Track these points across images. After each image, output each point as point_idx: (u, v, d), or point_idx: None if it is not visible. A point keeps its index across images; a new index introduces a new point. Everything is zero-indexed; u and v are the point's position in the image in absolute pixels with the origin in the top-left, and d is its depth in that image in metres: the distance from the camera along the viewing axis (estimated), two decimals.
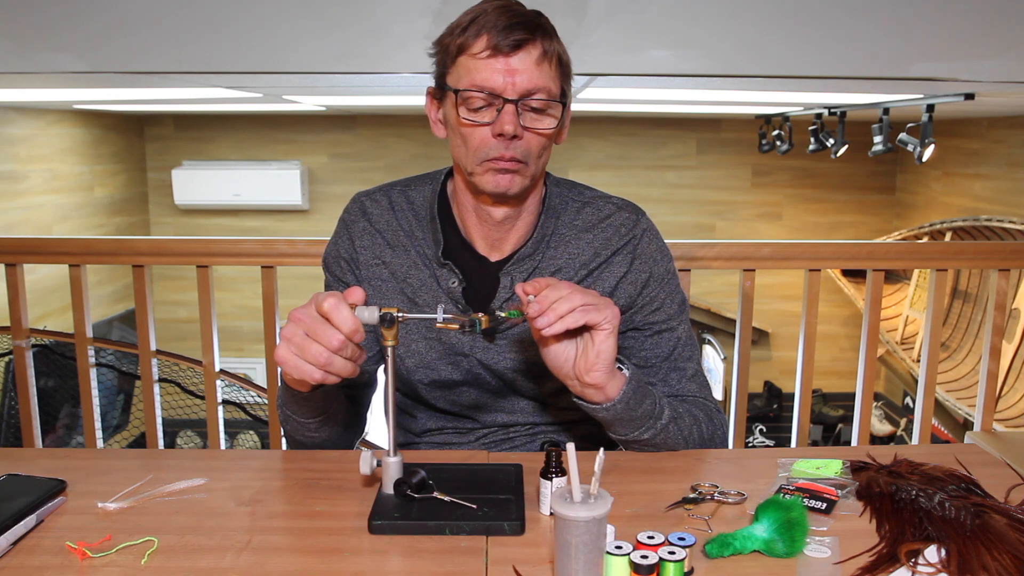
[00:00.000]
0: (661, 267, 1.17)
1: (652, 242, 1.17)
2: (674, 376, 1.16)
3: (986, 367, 1.86)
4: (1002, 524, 0.85)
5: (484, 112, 1.02)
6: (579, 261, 1.14)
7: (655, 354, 1.16)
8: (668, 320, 1.17)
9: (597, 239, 1.15)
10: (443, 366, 1.15)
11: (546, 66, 1.01)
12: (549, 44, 1.01)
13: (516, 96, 1.00)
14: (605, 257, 1.15)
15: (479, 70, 0.99)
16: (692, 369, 1.17)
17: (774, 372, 6.13)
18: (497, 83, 0.99)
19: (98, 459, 1.10)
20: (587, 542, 0.74)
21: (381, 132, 5.93)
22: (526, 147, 1.03)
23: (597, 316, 0.95)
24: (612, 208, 1.17)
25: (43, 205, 4.81)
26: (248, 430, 4.92)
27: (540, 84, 1.00)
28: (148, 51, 1.90)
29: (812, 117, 4.34)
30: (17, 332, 1.90)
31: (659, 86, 2.61)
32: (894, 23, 1.84)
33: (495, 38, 0.98)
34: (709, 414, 1.14)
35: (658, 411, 1.05)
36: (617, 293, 1.15)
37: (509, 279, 1.12)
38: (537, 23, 1.01)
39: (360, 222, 1.18)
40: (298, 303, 0.93)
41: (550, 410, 1.19)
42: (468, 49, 1.00)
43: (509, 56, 0.99)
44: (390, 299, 1.16)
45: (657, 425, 1.05)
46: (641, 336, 1.17)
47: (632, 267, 1.15)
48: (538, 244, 1.13)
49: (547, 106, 1.02)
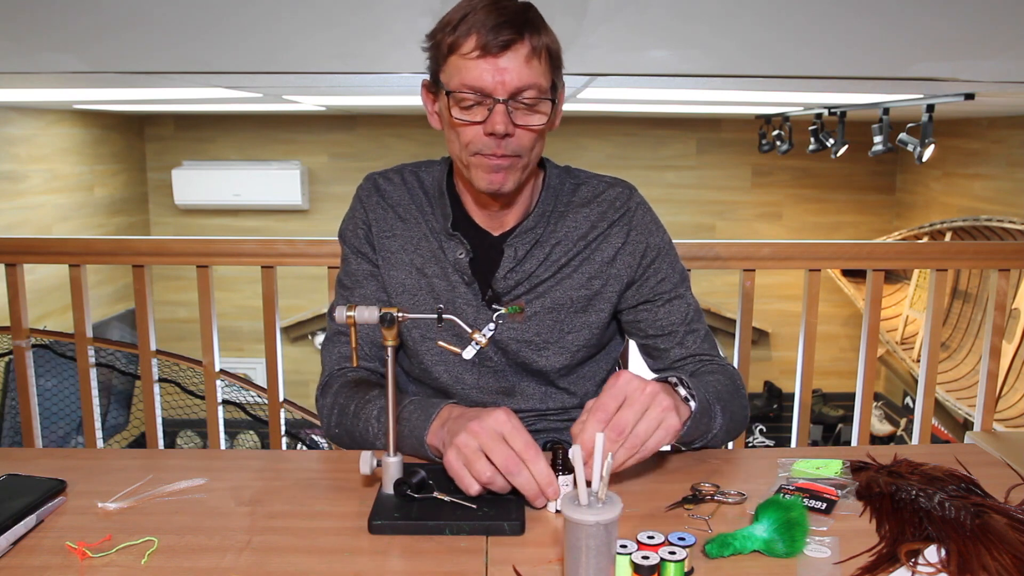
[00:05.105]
0: (657, 238, 1.21)
1: (646, 214, 1.22)
2: (690, 339, 1.20)
3: (986, 367, 1.86)
4: (1002, 524, 0.85)
5: (475, 111, 1.04)
6: (577, 234, 1.18)
7: (670, 321, 1.20)
8: (676, 288, 1.21)
9: (593, 213, 1.19)
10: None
11: (535, 62, 1.03)
12: (537, 40, 1.03)
13: (506, 95, 1.02)
14: (602, 230, 1.18)
15: (469, 70, 1.01)
16: (703, 330, 1.22)
17: (774, 372, 6.13)
18: (487, 83, 1.01)
19: (98, 459, 1.10)
20: (598, 545, 0.73)
21: (381, 132, 5.93)
22: (518, 143, 1.05)
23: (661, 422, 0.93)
24: (605, 185, 1.22)
25: (43, 205, 4.81)
26: (248, 430, 4.92)
27: (530, 81, 1.02)
28: (148, 51, 1.90)
29: (812, 117, 4.34)
30: (17, 332, 1.90)
31: (659, 86, 2.61)
32: (894, 23, 1.84)
33: (484, 38, 1.00)
34: (735, 383, 1.16)
35: (713, 423, 1.06)
36: (616, 264, 1.18)
37: (513, 250, 1.16)
38: (525, 18, 1.02)
39: (373, 196, 1.22)
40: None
41: (557, 395, 1.21)
42: (458, 49, 1.02)
43: (498, 56, 1.00)
44: (399, 270, 1.19)
45: (708, 436, 1.07)
46: (653, 307, 1.20)
47: (629, 238, 1.19)
48: (539, 219, 1.16)
49: (538, 102, 1.04)
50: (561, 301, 1.17)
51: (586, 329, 1.18)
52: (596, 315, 1.18)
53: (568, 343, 1.18)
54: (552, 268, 1.17)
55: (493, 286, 1.16)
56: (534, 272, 1.16)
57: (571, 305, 1.17)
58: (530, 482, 0.89)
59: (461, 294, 1.16)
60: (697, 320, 1.22)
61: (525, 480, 0.89)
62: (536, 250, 1.16)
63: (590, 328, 1.19)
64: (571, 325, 1.18)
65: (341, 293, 1.24)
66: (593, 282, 1.17)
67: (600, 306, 1.18)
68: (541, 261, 1.16)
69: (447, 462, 0.91)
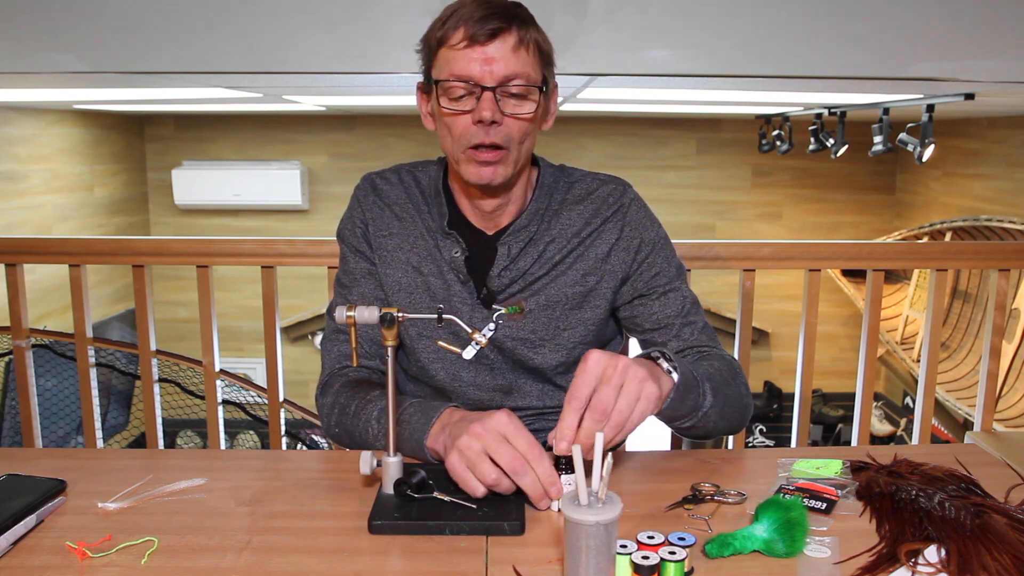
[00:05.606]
0: (651, 232, 1.21)
1: (640, 210, 1.22)
2: (687, 331, 1.20)
3: (986, 367, 1.86)
4: (1002, 524, 0.85)
5: (465, 101, 1.05)
6: (571, 231, 1.18)
7: (666, 314, 1.20)
8: (671, 281, 1.21)
9: (587, 209, 1.19)
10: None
11: (523, 53, 1.04)
12: (525, 32, 1.04)
13: (494, 83, 1.03)
14: (596, 226, 1.19)
15: (457, 60, 1.03)
16: (701, 322, 1.21)
17: (774, 372, 6.13)
18: (475, 72, 1.03)
19: (98, 459, 1.10)
20: (598, 545, 0.73)
21: (381, 132, 5.93)
22: (507, 133, 1.06)
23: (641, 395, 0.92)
24: (598, 182, 1.22)
25: (43, 205, 4.81)
26: (248, 430, 4.92)
27: (517, 70, 1.04)
28: (148, 51, 1.90)
29: (812, 117, 4.34)
30: (17, 332, 1.90)
31: (659, 86, 2.61)
32: (894, 23, 1.83)
33: (471, 28, 1.02)
34: (732, 368, 1.15)
35: (701, 400, 1.03)
36: (611, 260, 1.18)
37: (506, 248, 1.16)
38: (513, 12, 1.04)
39: (370, 196, 1.23)
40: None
41: (556, 393, 1.21)
42: (447, 41, 1.04)
43: (485, 45, 1.02)
44: (396, 269, 1.20)
45: (698, 414, 1.04)
46: (648, 301, 1.20)
47: (623, 234, 1.19)
48: (533, 217, 1.17)
49: (526, 92, 1.05)
50: (556, 298, 1.17)
51: (582, 326, 1.19)
52: (592, 311, 1.19)
53: (564, 340, 1.18)
54: (546, 265, 1.17)
55: (488, 284, 1.17)
56: (528, 270, 1.17)
57: (566, 302, 1.17)
58: (535, 483, 0.89)
59: (456, 292, 1.17)
60: (694, 312, 1.21)
61: (531, 481, 0.89)
62: (530, 248, 1.17)
63: (586, 325, 1.19)
64: (567, 322, 1.18)
65: (340, 292, 1.24)
66: (588, 278, 1.18)
67: (595, 302, 1.19)
68: (535, 259, 1.17)
69: (450, 466, 0.91)
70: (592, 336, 1.20)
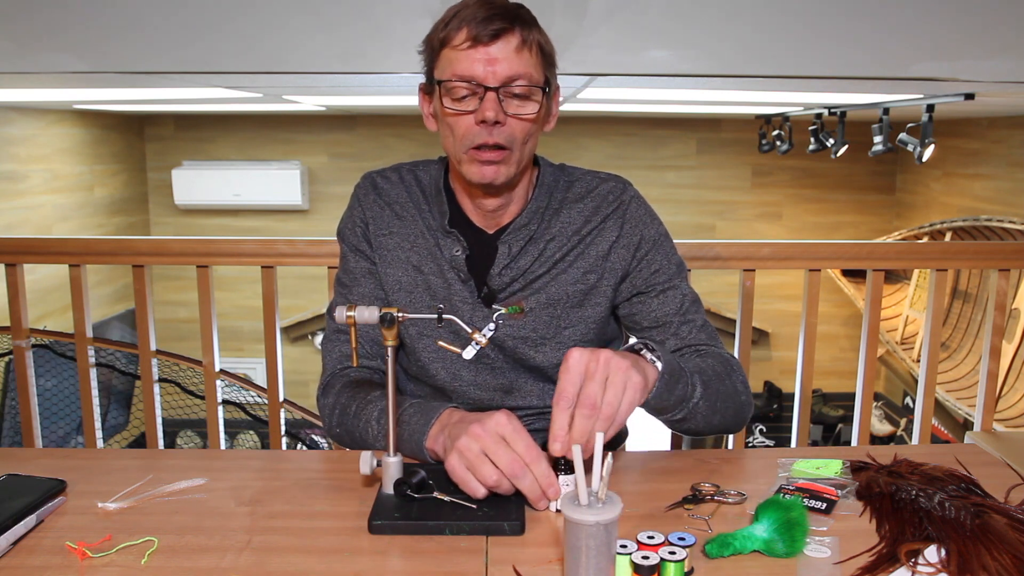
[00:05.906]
0: (652, 230, 1.21)
1: (640, 207, 1.21)
2: (685, 329, 1.19)
3: (986, 367, 1.86)
4: (1002, 524, 0.85)
5: (468, 101, 1.05)
6: (571, 229, 1.18)
7: (664, 312, 1.19)
8: (671, 279, 1.20)
9: (587, 207, 1.19)
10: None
11: (526, 53, 1.04)
12: (528, 33, 1.05)
13: (497, 84, 1.03)
14: (596, 224, 1.19)
15: (460, 61, 1.04)
16: (700, 320, 1.21)
17: (774, 372, 6.13)
18: (478, 72, 1.03)
19: (98, 459, 1.10)
20: (598, 545, 0.73)
21: (381, 132, 5.93)
22: (509, 133, 1.06)
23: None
24: (598, 180, 1.22)
25: (43, 205, 4.81)
26: (248, 430, 4.92)
27: (520, 71, 1.04)
28: (148, 51, 1.90)
29: (812, 117, 4.34)
30: (17, 332, 1.90)
31: (659, 86, 2.61)
32: (894, 23, 1.84)
33: (475, 29, 1.02)
34: (728, 365, 1.14)
35: (690, 391, 1.03)
36: (611, 257, 1.18)
37: (507, 247, 1.16)
38: (516, 14, 1.05)
39: (371, 195, 1.23)
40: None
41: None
42: (450, 42, 1.04)
43: (488, 45, 1.03)
44: (396, 268, 1.20)
45: (688, 405, 1.04)
46: (647, 298, 1.20)
47: (623, 231, 1.19)
48: (533, 215, 1.17)
49: (529, 92, 1.06)
50: (557, 296, 1.17)
51: (583, 324, 1.18)
52: (592, 309, 1.19)
53: (565, 338, 1.18)
54: (547, 264, 1.17)
55: (488, 283, 1.17)
56: (529, 268, 1.17)
57: (567, 300, 1.17)
58: (534, 485, 0.89)
59: (457, 291, 1.17)
60: (693, 311, 1.20)
61: (529, 483, 0.89)
62: (530, 246, 1.17)
63: (587, 323, 1.19)
64: (568, 320, 1.18)
65: (340, 291, 1.24)
66: (588, 276, 1.18)
67: (596, 300, 1.18)
68: (536, 257, 1.17)
69: (450, 467, 0.91)
70: (593, 334, 1.20)
